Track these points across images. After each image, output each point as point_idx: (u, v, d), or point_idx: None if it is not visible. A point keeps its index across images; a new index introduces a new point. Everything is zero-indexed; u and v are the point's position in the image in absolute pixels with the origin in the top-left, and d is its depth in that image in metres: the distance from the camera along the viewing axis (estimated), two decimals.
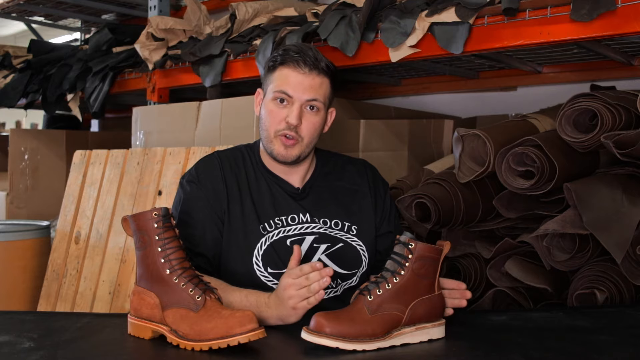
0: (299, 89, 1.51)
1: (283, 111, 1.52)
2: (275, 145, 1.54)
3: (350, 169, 1.69)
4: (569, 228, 1.88)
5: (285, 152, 1.54)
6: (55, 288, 2.69)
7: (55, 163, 3.81)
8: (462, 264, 2.23)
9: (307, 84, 1.51)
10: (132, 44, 3.17)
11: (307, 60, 1.51)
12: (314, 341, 1.22)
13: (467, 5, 1.95)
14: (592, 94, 1.92)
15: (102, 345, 1.32)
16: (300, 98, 1.51)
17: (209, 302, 1.28)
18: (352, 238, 1.60)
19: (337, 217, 1.60)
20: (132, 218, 1.36)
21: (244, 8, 2.69)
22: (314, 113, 1.54)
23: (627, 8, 1.69)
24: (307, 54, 1.53)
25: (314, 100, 1.52)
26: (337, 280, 1.57)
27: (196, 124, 2.62)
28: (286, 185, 1.61)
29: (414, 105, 3.39)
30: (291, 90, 1.51)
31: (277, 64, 1.54)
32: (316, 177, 1.65)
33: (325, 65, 1.54)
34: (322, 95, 1.54)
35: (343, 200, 1.63)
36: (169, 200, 2.37)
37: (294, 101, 1.52)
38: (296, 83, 1.51)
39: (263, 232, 1.55)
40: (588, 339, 1.34)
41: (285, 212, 1.58)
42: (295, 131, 1.52)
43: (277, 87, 1.53)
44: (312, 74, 1.52)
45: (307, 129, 1.53)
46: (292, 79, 1.52)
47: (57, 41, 5.04)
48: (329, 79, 1.56)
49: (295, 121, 1.51)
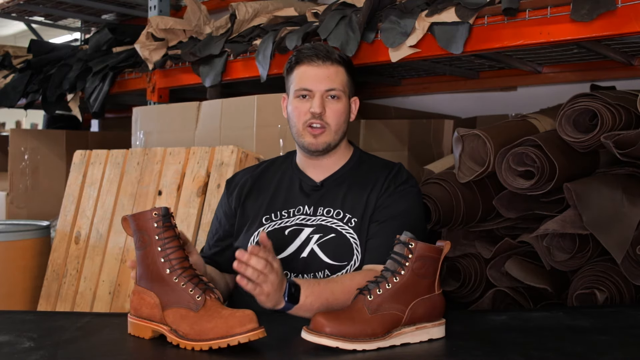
0: (317, 81, 1.59)
1: (306, 104, 1.61)
2: (305, 136, 1.62)
3: (378, 168, 1.68)
4: (569, 228, 1.88)
5: (316, 141, 1.61)
6: (55, 288, 2.69)
7: (55, 163, 3.81)
8: (462, 264, 2.23)
9: (323, 75, 1.59)
10: (132, 44, 3.17)
11: (319, 53, 1.60)
12: (314, 341, 1.22)
13: (467, 5, 1.95)
14: (592, 94, 1.92)
15: (102, 345, 1.32)
16: (320, 89, 1.59)
17: (209, 302, 1.28)
18: (348, 230, 1.59)
19: (341, 207, 1.61)
20: (132, 218, 1.35)
21: (244, 8, 2.69)
22: (335, 101, 1.61)
23: (627, 8, 1.69)
24: (319, 48, 1.62)
25: (333, 90, 1.60)
26: (325, 271, 1.57)
27: (196, 124, 2.62)
28: (308, 180, 1.68)
29: (414, 105, 3.40)
30: (310, 84, 1.59)
31: (293, 64, 1.63)
32: (341, 172, 1.68)
33: (338, 55, 1.62)
34: (340, 83, 1.61)
35: (353, 193, 1.63)
36: (169, 200, 2.37)
37: (314, 93, 1.59)
38: (313, 76, 1.59)
39: (265, 222, 1.64)
40: (588, 339, 1.34)
41: (293, 204, 1.64)
42: (321, 119, 1.59)
43: (297, 86, 1.61)
44: (326, 64, 1.60)
45: (331, 116, 1.60)
46: (308, 73, 1.60)
47: (57, 41, 5.03)
48: (344, 68, 1.63)
49: (318, 109, 1.58)
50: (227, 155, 2.26)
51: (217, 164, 2.28)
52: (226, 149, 2.28)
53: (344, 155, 1.70)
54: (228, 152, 2.26)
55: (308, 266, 1.57)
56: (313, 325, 1.23)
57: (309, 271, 1.57)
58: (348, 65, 1.64)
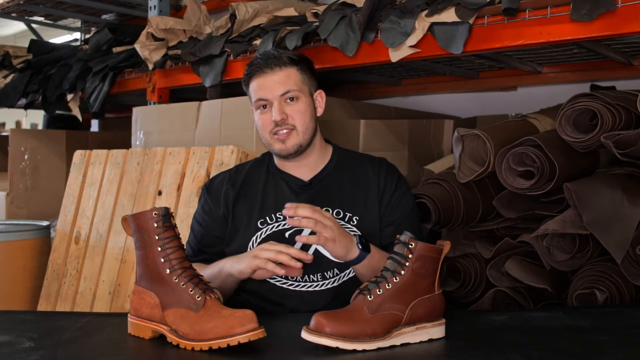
0: (270, 89, 1.59)
1: (268, 115, 1.60)
2: (274, 144, 1.62)
3: (365, 165, 1.69)
4: (569, 228, 1.88)
5: (285, 146, 1.60)
6: (55, 288, 2.69)
7: (55, 163, 3.81)
8: (462, 264, 2.23)
9: (275, 80, 1.59)
10: (132, 44, 3.17)
11: (268, 61, 1.60)
12: (314, 341, 1.22)
13: (467, 5, 1.95)
14: (592, 94, 1.92)
15: (102, 345, 1.32)
16: (275, 95, 1.59)
17: (209, 302, 1.28)
18: (352, 229, 1.59)
19: (340, 207, 1.61)
20: (132, 218, 1.36)
21: (244, 8, 2.69)
22: (295, 102, 1.60)
23: (627, 8, 1.69)
24: (268, 56, 1.62)
25: (288, 92, 1.59)
26: (335, 270, 1.58)
27: (196, 124, 2.62)
28: (294, 180, 1.66)
29: (414, 105, 3.40)
30: (264, 94, 1.59)
31: (247, 78, 1.64)
32: (328, 170, 1.67)
33: (287, 57, 1.61)
34: (294, 83, 1.60)
35: (349, 193, 1.64)
36: (169, 200, 2.37)
37: (271, 102, 1.59)
38: (265, 86, 1.60)
39: (261, 226, 1.62)
40: (588, 339, 1.34)
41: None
42: (286, 123, 1.59)
43: (254, 98, 1.62)
44: (274, 70, 1.59)
45: (295, 117, 1.60)
46: (261, 84, 1.60)
47: (57, 41, 5.03)
48: (296, 67, 1.62)
49: (279, 116, 1.57)
50: (227, 155, 2.26)
51: (217, 164, 2.28)
52: (226, 149, 2.28)
53: (325, 153, 1.70)
54: (228, 152, 2.27)
55: (317, 266, 1.56)
56: (313, 325, 1.23)
57: (318, 271, 1.57)
58: (300, 63, 1.62)
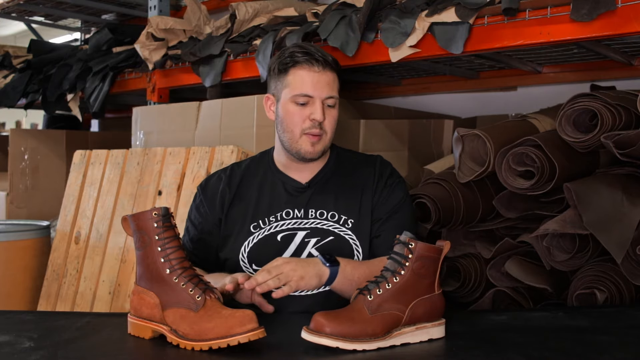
0: (318, 88, 1.56)
1: (305, 110, 1.57)
2: (303, 144, 1.58)
3: (362, 166, 1.68)
4: (569, 228, 1.88)
5: (313, 149, 1.58)
6: (55, 288, 2.69)
7: (55, 163, 3.81)
8: (462, 264, 2.23)
9: (324, 81, 1.56)
10: (132, 44, 3.17)
11: (318, 58, 1.56)
12: (314, 341, 1.22)
13: (467, 5, 1.95)
14: (592, 94, 1.92)
15: (102, 345, 1.32)
16: (321, 96, 1.56)
17: (209, 302, 1.28)
18: (346, 231, 1.59)
19: (335, 209, 1.61)
20: (132, 218, 1.35)
21: (244, 8, 2.69)
22: (333, 109, 1.60)
23: (627, 8, 1.69)
24: (315, 51, 1.58)
25: (331, 97, 1.58)
26: None
27: (196, 124, 2.62)
28: (292, 182, 1.65)
29: (414, 105, 3.39)
30: (311, 90, 1.55)
31: (289, 67, 1.57)
32: (325, 172, 1.67)
33: (332, 60, 1.60)
34: (337, 90, 1.60)
35: (345, 195, 1.63)
36: (169, 200, 2.37)
37: (314, 100, 1.56)
38: (314, 82, 1.55)
39: (253, 230, 1.61)
40: (588, 339, 1.34)
41: (280, 208, 1.62)
42: (320, 127, 1.57)
43: (295, 91, 1.56)
44: (325, 71, 1.57)
45: (329, 123, 1.59)
46: (308, 79, 1.56)
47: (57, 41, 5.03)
48: (336, 73, 1.61)
49: (321, 117, 1.55)
50: (227, 155, 2.27)
51: (217, 164, 2.28)
52: (226, 149, 2.28)
53: (325, 154, 1.68)
54: (228, 152, 2.27)
55: None
56: (313, 325, 1.23)
57: None
58: (340, 71, 1.62)
